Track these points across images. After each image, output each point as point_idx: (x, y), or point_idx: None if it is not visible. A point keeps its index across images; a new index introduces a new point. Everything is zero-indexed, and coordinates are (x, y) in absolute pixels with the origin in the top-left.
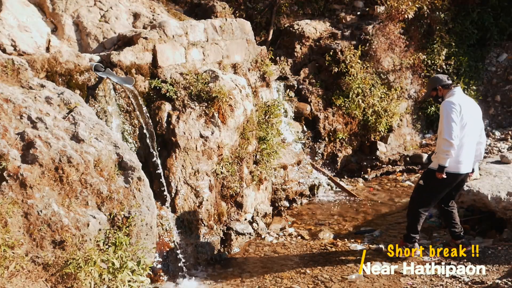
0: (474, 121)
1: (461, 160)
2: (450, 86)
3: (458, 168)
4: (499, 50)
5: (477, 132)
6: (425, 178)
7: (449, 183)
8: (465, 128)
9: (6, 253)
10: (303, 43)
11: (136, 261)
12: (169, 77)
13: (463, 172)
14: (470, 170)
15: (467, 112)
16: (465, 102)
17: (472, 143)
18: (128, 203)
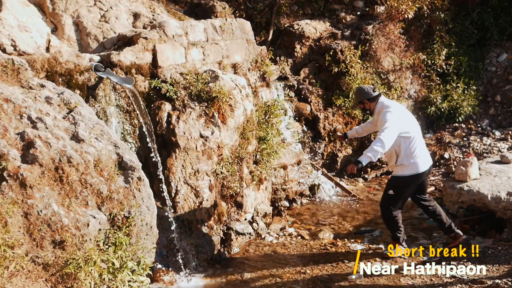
0: (414, 121)
1: (417, 160)
2: (376, 98)
3: (417, 168)
4: (499, 50)
5: (420, 130)
6: (393, 187)
7: (415, 184)
8: (410, 129)
9: (6, 253)
10: (303, 43)
11: (136, 261)
12: (169, 77)
13: (423, 171)
14: (429, 165)
15: (404, 114)
16: (397, 106)
17: (421, 140)
18: (128, 203)
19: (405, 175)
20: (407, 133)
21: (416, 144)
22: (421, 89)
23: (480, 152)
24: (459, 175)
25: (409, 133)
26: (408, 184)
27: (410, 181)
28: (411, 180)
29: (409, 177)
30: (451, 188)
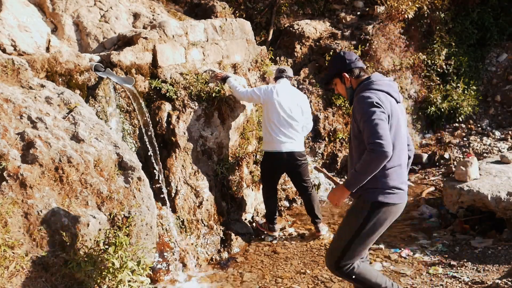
0: (286, 104)
1: (280, 139)
2: (279, 78)
3: (280, 147)
4: (499, 50)
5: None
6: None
7: (274, 161)
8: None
9: (6, 253)
10: (303, 43)
11: (136, 261)
12: (169, 77)
13: (283, 151)
14: (292, 149)
15: (282, 97)
16: (281, 90)
17: (286, 123)
18: (128, 203)
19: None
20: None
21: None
22: (421, 89)
23: (480, 152)
24: (459, 175)
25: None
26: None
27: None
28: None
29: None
30: (451, 188)
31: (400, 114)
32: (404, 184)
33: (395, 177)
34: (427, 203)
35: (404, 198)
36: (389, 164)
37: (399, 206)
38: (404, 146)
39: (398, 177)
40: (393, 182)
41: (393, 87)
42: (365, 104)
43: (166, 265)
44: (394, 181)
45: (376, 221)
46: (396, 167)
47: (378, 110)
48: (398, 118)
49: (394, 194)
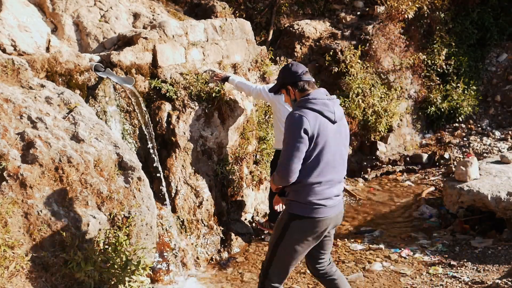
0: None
1: None
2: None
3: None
4: (499, 50)
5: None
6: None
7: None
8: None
9: (6, 253)
10: (303, 43)
11: (136, 261)
12: (169, 77)
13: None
14: None
15: None
16: None
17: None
18: (128, 203)
19: None
20: None
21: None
22: (421, 89)
23: (480, 152)
24: (459, 175)
25: None
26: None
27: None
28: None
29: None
30: (451, 188)
31: (332, 133)
32: (327, 200)
33: (314, 194)
34: (427, 203)
35: (324, 213)
36: (310, 181)
37: (318, 221)
38: (333, 164)
39: (318, 194)
40: (312, 198)
41: (329, 106)
42: (291, 124)
43: (166, 265)
44: (313, 197)
45: (294, 233)
46: (317, 184)
47: (299, 136)
48: (327, 138)
49: (313, 208)
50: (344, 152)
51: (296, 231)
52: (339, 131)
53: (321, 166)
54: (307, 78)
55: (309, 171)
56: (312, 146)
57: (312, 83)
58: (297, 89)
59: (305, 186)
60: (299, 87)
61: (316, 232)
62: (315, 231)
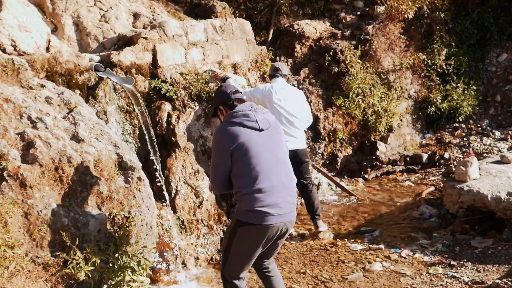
0: (285, 102)
1: None
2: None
3: None
4: (499, 50)
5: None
6: None
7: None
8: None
9: (6, 253)
10: (303, 43)
11: (136, 261)
12: (169, 77)
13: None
14: (295, 147)
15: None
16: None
17: (287, 121)
18: (128, 203)
19: None
20: None
21: None
22: (421, 89)
23: (480, 152)
24: (459, 175)
25: None
26: None
27: None
28: None
29: None
30: (451, 188)
31: (261, 141)
32: (272, 207)
33: (256, 201)
34: (427, 203)
35: (270, 221)
36: (248, 189)
37: (262, 228)
38: (270, 170)
39: (260, 201)
40: (254, 205)
41: (250, 117)
42: (213, 140)
43: (166, 265)
44: (256, 204)
45: (241, 239)
46: (256, 191)
47: (218, 150)
48: (255, 146)
49: (256, 215)
50: (282, 156)
51: (243, 237)
52: (270, 137)
53: (256, 174)
54: (236, 96)
55: (246, 180)
56: (239, 157)
57: (241, 100)
58: (228, 108)
59: (245, 194)
60: (229, 105)
61: (262, 238)
62: (261, 237)
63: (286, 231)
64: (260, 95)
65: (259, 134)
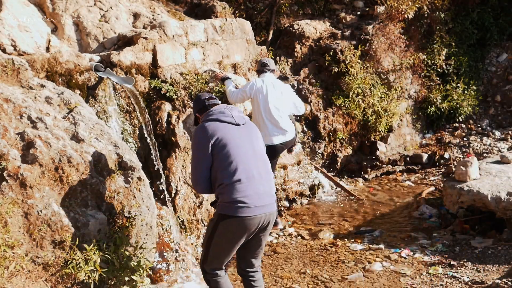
0: (273, 97)
1: (273, 132)
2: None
3: (272, 140)
4: (499, 50)
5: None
6: None
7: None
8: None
9: (6, 253)
10: (303, 43)
11: (136, 261)
12: (169, 77)
13: (276, 143)
14: (285, 140)
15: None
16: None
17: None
18: (128, 203)
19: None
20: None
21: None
22: (421, 89)
23: (480, 152)
24: (459, 175)
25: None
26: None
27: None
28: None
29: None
30: (451, 188)
31: (238, 134)
32: (251, 198)
33: (236, 191)
34: (427, 203)
35: (250, 212)
36: (229, 181)
37: (243, 220)
38: (248, 161)
39: (240, 191)
40: (235, 196)
41: (225, 113)
42: (195, 138)
43: (166, 265)
44: (236, 194)
45: (223, 232)
46: (237, 182)
47: (197, 148)
48: (233, 139)
49: (237, 207)
50: (259, 149)
51: (224, 231)
52: (247, 131)
53: (235, 165)
54: (211, 102)
55: (225, 172)
56: (219, 150)
57: (214, 103)
58: (204, 112)
59: (226, 186)
60: (205, 110)
61: (243, 231)
62: (242, 230)
63: (268, 224)
64: (250, 91)
65: (236, 128)
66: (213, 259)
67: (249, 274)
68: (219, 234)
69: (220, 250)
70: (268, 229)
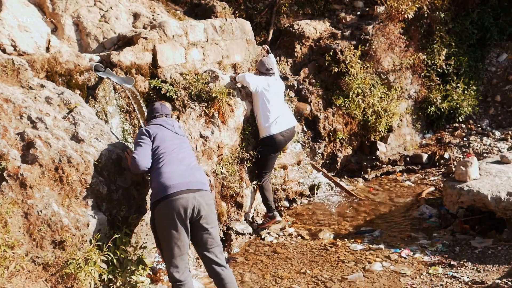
0: (273, 91)
1: (276, 121)
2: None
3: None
4: (499, 50)
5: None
6: (260, 150)
7: (272, 145)
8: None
9: (6, 253)
10: (303, 43)
11: (136, 261)
12: (169, 77)
13: (273, 133)
14: (282, 129)
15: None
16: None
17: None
18: (128, 203)
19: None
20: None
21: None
22: (421, 89)
23: (480, 152)
24: (459, 175)
25: None
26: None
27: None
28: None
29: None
30: (451, 188)
31: (171, 137)
32: (175, 180)
33: (161, 176)
34: (427, 203)
35: (172, 190)
36: (156, 167)
37: (170, 201)
38: (176, 157)
39: (164, 177)
40: (159, 179)
41: (168, 122)
42: (138, 133)
43: None
44: (160, 178)
45: (158, 221)
46: (162, 169)
47: (142, 137)
48: (166, 139)
49: (161, 188)
50: (188, 156)
51: (158, 218)
52: (181, 141)
53: (164, 158)
54: (157, 112)
55: (156, 161)
56: (157, 142)
57: (161, 114)
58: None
59: (154, 172)
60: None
61: (173, 214)
62: (171, 212)
63: (199, 212)
64: (257, 83)
65: (173, 134)
66: (164, 252)
67: (216, 271)
68: (157, 223)
69: (164, 241)
70: (206, 217)
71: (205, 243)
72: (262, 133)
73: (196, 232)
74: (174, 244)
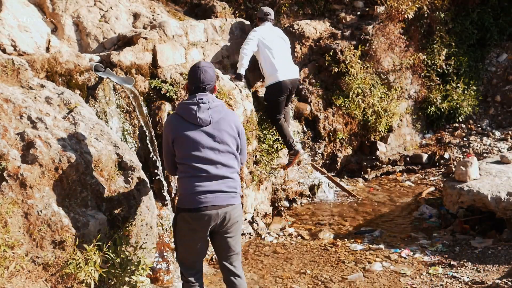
0: (274, 42)
1: (282, 70)
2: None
3: (284, 76)
4: (499, 50)
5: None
6: (266, 97)
7: (279, 91)
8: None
9: (6, 253)
10: (303, 43)
11: (136, 261)
12: (169, 77)
13: (288, 78)
14: (289, 77)
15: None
16: (267, 33)
17: (281, 55)
18: (128, 203)
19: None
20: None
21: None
22: (421, 89)
23: (480, 152)
24: (459, 175)
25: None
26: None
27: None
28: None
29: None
30: (451, 188)
31: (198, 135)
32: (203, 194)
33: (188, 185)
34: (427, 203)
35: (200, 204)
36: (183, 175)
37: (195, 214)
38: (205, 161)
39: (191, 186)
40: (186, 189)
41: (192, 112)
42: (164, 127)
43: (166, 265)
44: (187, 188)
45: (180, 226)
46: (185, 178)
47: (165, 139)
48: (193, 138)
49: (188, 199)
50: (221, 149)
51: (180, 224)
52: (209, 133)
53: (192, 161)
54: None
55: (182, 166)
56: (178, 145)
57: (201, 89)
58: (188, 91)
59: (180, 179)
60: (190, 90)
61: (196, 225)
62: (195, 224)
63: (224, 219)
64: (256, 40)
65: (198, 129)
66: (179, 253)
67: (230, 280)
68: (178, 227)
69: (181, 244)
70: (230, 227)
71: (222, 250)
72: (269, 80)
73: (215, 237)
74: (192, 250)
